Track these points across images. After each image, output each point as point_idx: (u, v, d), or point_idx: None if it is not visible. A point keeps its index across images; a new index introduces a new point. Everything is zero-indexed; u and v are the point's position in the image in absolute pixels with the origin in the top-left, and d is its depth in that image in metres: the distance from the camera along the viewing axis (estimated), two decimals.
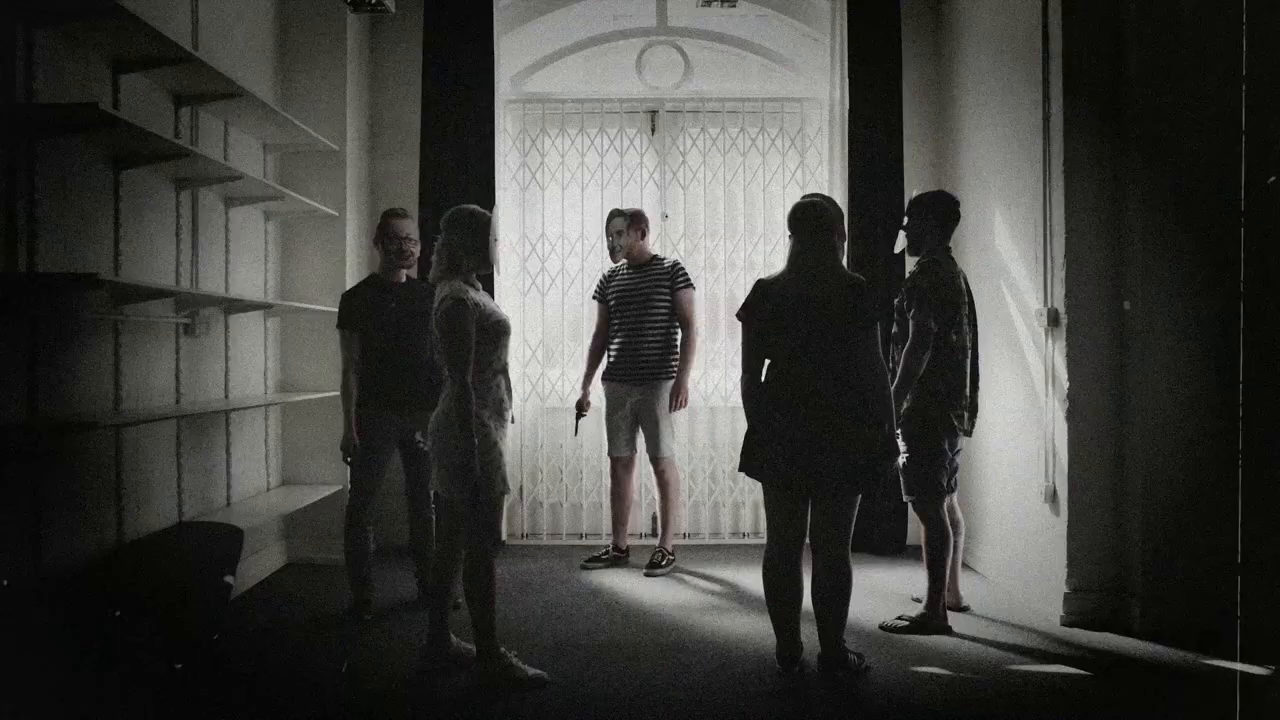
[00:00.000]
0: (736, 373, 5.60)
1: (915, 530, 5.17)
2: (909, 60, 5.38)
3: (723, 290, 5.65)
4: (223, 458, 4.40)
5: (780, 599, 3.32)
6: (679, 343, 4.92)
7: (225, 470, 4.41)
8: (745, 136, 5.64)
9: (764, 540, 5.54)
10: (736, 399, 5.57)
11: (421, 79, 5.33)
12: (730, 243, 5.64)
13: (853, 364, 3.18)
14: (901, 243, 4.02)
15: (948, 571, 3.93)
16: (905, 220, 3.98)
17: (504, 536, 5.46)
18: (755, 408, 3.29)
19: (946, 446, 3.86)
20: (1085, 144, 3.95)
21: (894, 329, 3.93)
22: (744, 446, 3.33)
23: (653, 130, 5.72)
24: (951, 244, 3.95)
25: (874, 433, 3.19)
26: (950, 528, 3.92)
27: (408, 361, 4.08)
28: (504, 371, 3.35)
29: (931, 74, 5.45)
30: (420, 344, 4.09)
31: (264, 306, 4.59)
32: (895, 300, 3.93)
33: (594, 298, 5.11)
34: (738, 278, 5.64)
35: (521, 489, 5.60)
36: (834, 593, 3.27)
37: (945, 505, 3.91)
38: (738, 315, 3.35)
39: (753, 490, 5.58)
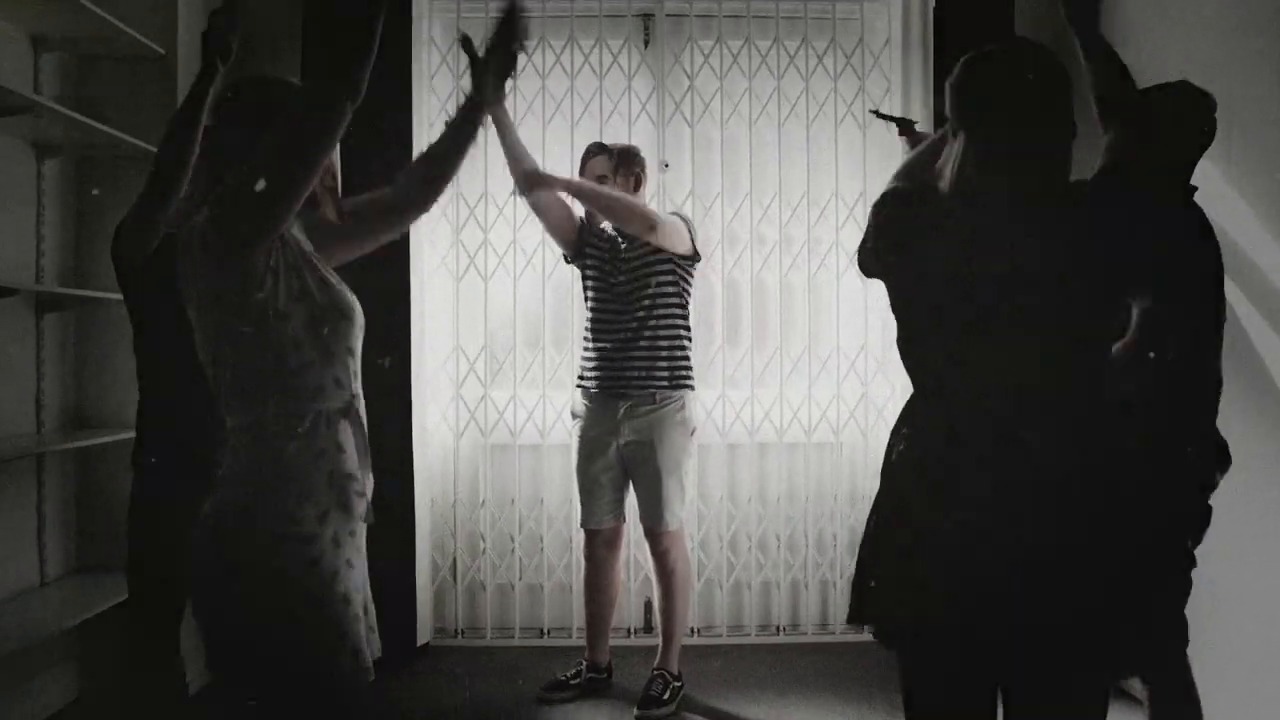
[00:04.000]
0: (767, 394, 3.89)
1: None
2: None
3: (745, 276, 3.90)
4: None
5: None
6: (689, 342, 3.23)
7: None
8: (780, 53, 3.88)
9: (807, 637, 3.94)
10: (767, 432, 3.85)
11: None
12: (757, 208, 3.89)
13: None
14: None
15: None
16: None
17: (428, 638, 3.71)
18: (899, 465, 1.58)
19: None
20: None
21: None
22: (859, 559, 1.61)
23: (646, 43, 3.96)
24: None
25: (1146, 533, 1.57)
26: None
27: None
28: (347, 412, 1.60)
29: None
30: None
31: (10, 292, 2.79)
32: None
33: (565, 260, 3.38)
34: (768, 258, 3.89)
35: (455, 565, 3.83)
36: None
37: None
38: (861, 253, 1.65)
39: (791, 568, 3.85)
